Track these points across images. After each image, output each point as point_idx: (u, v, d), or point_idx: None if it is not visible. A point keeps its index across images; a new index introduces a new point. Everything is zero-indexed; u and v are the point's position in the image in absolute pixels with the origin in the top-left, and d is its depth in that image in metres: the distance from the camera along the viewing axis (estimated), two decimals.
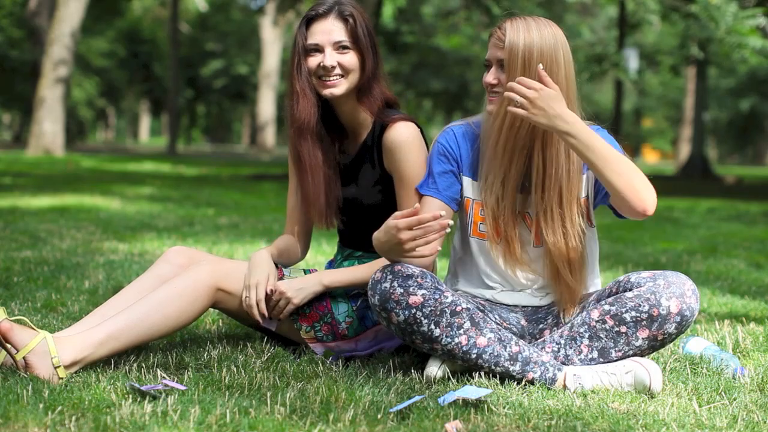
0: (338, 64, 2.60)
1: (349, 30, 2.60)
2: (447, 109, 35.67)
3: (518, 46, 2.42)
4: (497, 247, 2.56)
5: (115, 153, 26.66)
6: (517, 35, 2.42)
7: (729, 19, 13.99)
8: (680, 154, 29.79)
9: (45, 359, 2.32)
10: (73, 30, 19.44)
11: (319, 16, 2.62)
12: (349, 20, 2.60)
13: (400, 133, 2.62)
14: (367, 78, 2.64)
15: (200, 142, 54.86)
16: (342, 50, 2.61)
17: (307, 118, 2.65)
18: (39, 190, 9.63)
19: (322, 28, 2.61)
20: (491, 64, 2.49)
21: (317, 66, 2.61)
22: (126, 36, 38.18)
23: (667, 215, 9.42)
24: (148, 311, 2.46)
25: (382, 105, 2.68)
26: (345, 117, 2.72)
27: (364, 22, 2.63)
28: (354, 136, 2.75)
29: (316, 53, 2.62)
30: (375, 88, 2.66)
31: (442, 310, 2.38)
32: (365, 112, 2.68)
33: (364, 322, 2.69)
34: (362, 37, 2.61)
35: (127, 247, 5.16)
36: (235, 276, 2.61)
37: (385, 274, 2.39)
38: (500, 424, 2.07)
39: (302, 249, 2.89)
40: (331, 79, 2.61)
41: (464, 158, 2.58)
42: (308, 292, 2.62)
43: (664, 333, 2.41)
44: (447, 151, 2.58)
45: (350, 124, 2.73)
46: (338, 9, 2.61)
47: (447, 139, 2.59)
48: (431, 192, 2.57)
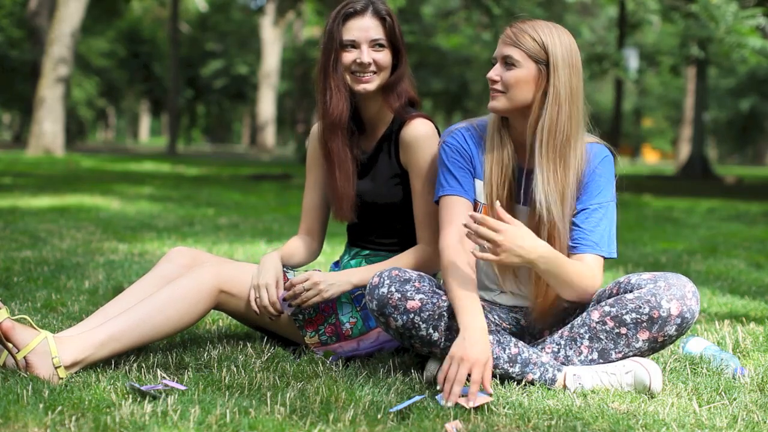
0: (373, 61, 2.64)
1: (387, 28, 2.65)
2: (447, 109, 35.68)
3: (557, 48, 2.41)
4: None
5: (115, 153, 26.66)
6: (537, 37, 2.41)
7: (729, 19, 13.98)
8: (680, 154, 29.79)
9: (46, 359, 2.32)
10: (73, 30, 19.44)
11: (357, 13, 2.65)
12: (386, 19, 2.65)
13: (418, 129, 2.65)
14: (396, 76, 2.68)
15: (200, 142, 54.85)
16: (377, 48, 2.64)
17: (340, 114, 2.67)
18: (39, 190, 9.63)
19: (360, 24, 2.64)
20: (496, 61, 2.48)
21: (352, 62, 2.64)
22: (126, 36, 38.18)
23: (667, 215, 9.42)
24: (149, 313, 2.46)
25: (404, 103, 2.71)
26: (369, 113, 2.75)
27: (396, 20, 2.68)
28: (372, 132, 2.77)
29: (351, 49, 2.65)
30: (401, 86, 2.70)
31: (441, 314, 2.37)
32: (388, 108, 2.71)
33: (367, 323, 2.69)
34: (397, 35, 2.67)
35: (127, 247, 5.16)
36: (238, 278, 2.61)
37: (382, 278, 2.38)
38: (500, 424, 2.07)
39: (318, 246, 2.92)
40: (366, 75, 2.64)
41: (476, 158, 2.56)
42: (339, 289, 2.61)
43: (665, 335, 2.41)
44: (460, 151, 2.55)
45: (372, 120, 2.76)
46: (374, 7, 2.65)
47: (456, 139, 2.56)
48: (457, 191, 2.52)
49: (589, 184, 2.50)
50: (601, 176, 2.51)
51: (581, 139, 2.47)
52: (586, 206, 2.50)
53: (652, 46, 24.54)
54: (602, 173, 2.51)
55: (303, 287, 2.57)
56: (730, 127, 41.80)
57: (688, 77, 27.92)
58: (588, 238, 2.48)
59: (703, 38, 15.57)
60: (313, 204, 2.88)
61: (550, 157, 2.43)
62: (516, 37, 2.43)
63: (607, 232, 2.51)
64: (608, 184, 2.52)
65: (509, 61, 2.44)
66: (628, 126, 44.26)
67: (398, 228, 2.77)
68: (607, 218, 2.51)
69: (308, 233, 2.89)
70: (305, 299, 2.58)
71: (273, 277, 2.61)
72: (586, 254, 2.48)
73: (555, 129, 2.42)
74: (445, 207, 2.52)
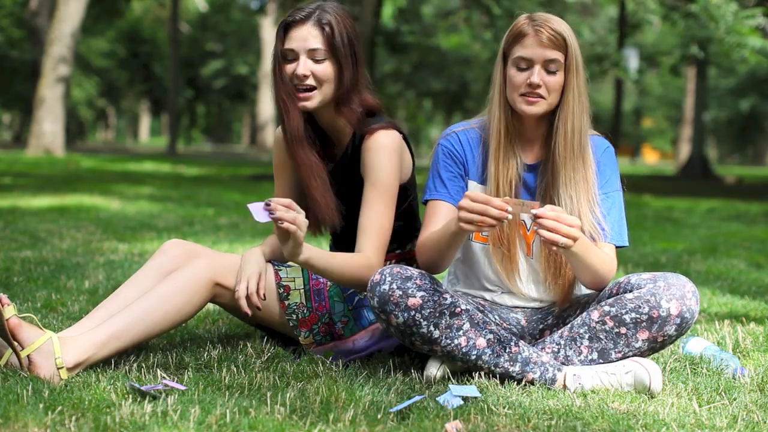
0: (311, 74, 2.55)
1: (326, 38, 2.54)
2: (447, 109, 35.66)
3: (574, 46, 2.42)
4: (497, 251, 2.55)
5: (115, 153, 26.66)
6: (569, 35, 2.41)
7: (729, 19, 13.99)
8: (680, 154, 29.79)
9: (49, 359, 2.32)
10: (73, 30, 19.44)
11: (297, 22, 2.56)
12: (325, 28, 2.54)
13: (378, 141, 2.58)
14: (345, 89, 2.59)
15: (200, 142, 54.84)
16: (317, 59, 2.55)
17: (296, 125, 2.60)
18: (39, 190, 9.63)
19: (298, 34, 2.55)
20: (533, 64, 2.41)
21: (292, 73, 2.56)
22: (126, 36, 38.18)
23: (667, 215, 9.42)
24: (147, 309, 2.46)
25: (362, 115, 2.63)
26: (325, 126, 2.69)
27: (346, 30, 2.56)
28: (338, 143, 2.72)
29: (292, 60, 2.57)
30: (354, 99, 2.61)
31: (442, 312, 2.38)
32: (344, 122, 2.64)
33: (360, 322, 2.68)
34: (340, 46, 2.55)
35: (127, 247, 5.16)
36: (233, 271, 2.59)
37: (383, 276, 2.38)
38: (500, 424, 2.07)
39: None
40: (303, 92, 2.56)
41: (470, 162, 2.56)
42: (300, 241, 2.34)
43: (664, 335, 2.41)
44: (453, 154, 2.56)
45: (332, 132, 2.70)
46: (317, 15, 2.55)
47: (452, 142, 2.57)
48: (443, 197, 2.54)
49: (596, 175, 2.53)
50: (606, 166, 2.55)
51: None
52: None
53: (652, 46, 24.55)
54: (607, 163, 2.56)
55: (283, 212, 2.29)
56: (730, 127, 41.82)
57: (688, 77, 27.91)
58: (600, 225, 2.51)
59: (703, 38, 15.57)
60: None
61: (577, 153, 2.46)
62: (559, 39, 2.40)
63: (618, 221, 2.54)
64: (613, 173, 2.56)
65: (554, 66, 2.41)
66: (628, 126, 44.27)
67: None
68: (616, 207, 2.55)
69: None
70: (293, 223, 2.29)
71: (255, 271, 2.56)
72: (599, 242, 2.49)
73: (581, 126, 2.46)
74: (431, 210, 2.54)
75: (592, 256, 2.39)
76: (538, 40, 2.41)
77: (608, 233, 2.51)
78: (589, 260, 2.39)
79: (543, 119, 2.52)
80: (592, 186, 2.49)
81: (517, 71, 2.44)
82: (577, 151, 2.47)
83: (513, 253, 2.55)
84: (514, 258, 2.55)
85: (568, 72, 2.43)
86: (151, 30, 40.62)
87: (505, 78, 2.49)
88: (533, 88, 2.42)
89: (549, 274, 2.55)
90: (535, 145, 2.57)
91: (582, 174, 2.47)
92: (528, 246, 2.58)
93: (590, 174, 2.49)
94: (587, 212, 2.47)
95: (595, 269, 2.43)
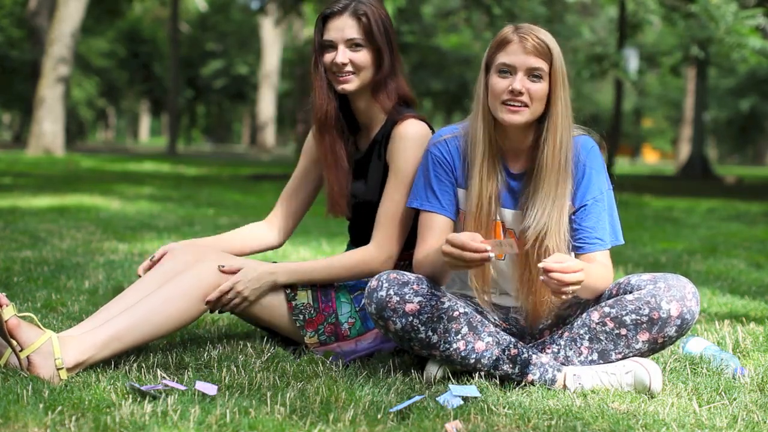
0: (350, 62, 2.64)
1: (363, 28, 2.64)
2: (447, 109, 35.65)
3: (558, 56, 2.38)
4: None
5: (115, 153, 26.66)
6: (554, 45, 2.38)
7: (729, 19, 13.99)
8: (680, 154, 29.78)
9: (48, 360, 2.32)
10: (73, 30, 19.44)
11: (335, 14, 2.66)
12: (362, 19, 2.64)
13: (407, 129, 2.64)
14: (383, 75, 2.67)
15: (200, 142, 54.84)
16: (355, 48, 2.64)
17: (326, 113, 2.70)
18: (39, 190, 9.63)
19: (336, 25, 2.65)
20: (515, 71, 2.37)
21: (331, 62, 2.66)
22: (126, 36, 38.16)
23: (667, 215, 9.42)
24: (150, 311, 2.46)
25: (396, 102, 2.71)
26: (360, 112, 2.76)
27: (381, 20, 2.66)
28: (367, 132, 2.78)
29: (330, 50, 2.66)
30: (390, 85, 2.69)
31: (439, 316, 2.37)
32: (379, 108, 2.71)
33: (366, 324, 2.68)
34: (377, 34, 2.65)
35: (127, 247, 5.16)
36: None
37: (380, 282, 2.37)
38: (500, 424, 2.07)
39: (279, 237, 2.94)
40: (344, 76, 2.65)
41: (458, 170, 2.52)
42: (262, 290, 2.61)
43: (665, 336, 2.41)
44: (443, 163, 2.52)
45: (365, 119, 2.76)
46: (353, 7, 2.65)
47: (441, 150, 2.53)
48: (435, 208, 2.51)
49: (582, 180, 2.48)
50: (591, 168, 2.49)
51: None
52: (583, 203, 2.48)
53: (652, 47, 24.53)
54: (592, 165, 2.49)
55: (228, 297, 2.56)
56: (730, 127, 41.79)
57: (688, 77, 27.91)
58: (592, 236, 2.48)
59: (703, 39, 15.57)
60: (285, 194, 2.94)
61: (562, 166, 2.42)
62: (543, 47, 2.36)
63: (610, 223, 2.52)
64: (599, 174, 2.50)
65: (538, 73, 2.37)
66: (628, 126, 44.24)
67: None
68: (606, 208, 2.51)
69: (269, 224, 2.96)
70: (232, 306, 2.58)
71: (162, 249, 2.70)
72: (594, 253, 2.48)
73: (567, 140, 2.41)
74: (424, 223, 2.52)
75: (591, 282, 2.40)
76: (522, 47, 2.36)
77: (602, 240, 2.49)
78: (589, 286, 2.41)
79: (529, 129, 2.45)
80: (567, 198, 2.45)
81: (499, 78, 2.38)
82: (563, 164, 2.42)
83: (496, 259, 2.52)
84: (496, 264, 2.53)
85: (554, 83, 2.38)
86: (151, 30, 40.60)
87: (487, 88, 2.43)
88: (515, 95, 2.36)
89: (521, 292, 2.51)
90: (521, 155, 2.51)
91: (562, 188, 2.43)
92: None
93: (568, 187, 2.45)
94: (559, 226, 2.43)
95: (594, 288, 2.45)
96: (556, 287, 2.19)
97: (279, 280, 2.62)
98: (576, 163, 2.48)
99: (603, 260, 2.49)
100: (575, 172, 2.48)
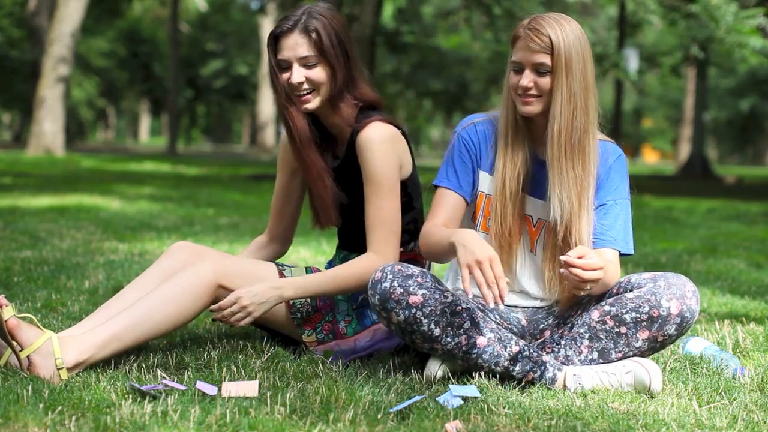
0: (306, 79, 2.60)
1: (314, 44, 2.58)
2: (447, 109, 35.64)
3: (561, 49, 2.39)
4: (497, 243, 2.56)
5: (115, 153, 26.66)
6: (558, 37, 2.39)
7: (729, 19, 14.00)
8: (680, 154, 29.79)
9: (48, 360, 2.32)
10: (73, 30, 19.44)
11: (284, 33, 2.61)
12: (312, 35, 2.58)
13: (368, 134, 2.61)
14: (338, 88, 2.63)
15: (200, 142, 54.85)
16: (309, 65, 2.60)
17: (300, 130, 2.66)
18: (39, 190, 9.63)
19: (287, 44, 2.60)
20: (524, 67, 2.44)
21: (287, 82, 2.61)
22: (126, 36, 38.17)
23: (667, 215, 9.42)
24: (150, 310, 2.46)
25: (356, 111, 2.67)
26: (328, 123, 2.73)
27: (334, 30, 2.60)
28: (341, 139, 2.76)
29: (286, 69, 2.62)
30: (347, 97, 2.66)
31: (443, 310, 2.38)
32: (341, 119, 2.68)
33: (363, 321, 2.69)
34: (329, 48, 2.59)
35: (127, 247, 5.16)
36: (237, 273, 2.61)
37: (385, 273, 2.39)
38: (500, 424, 2.07)
39: (279, 248, 2.97)
40: (303, 95, 2.62)
41: (483, 154, 2.59)
42: (269, 306, 2.56)
43: (664, 334, 2.41)
44: (468, 146, 2.59)
45: (335, 128, 2.74)
46: (303, 23, 2.59)
47: (469, 133, 2.60)
48: (452, 185, 2.57)
49: (606, 181, 2.56)
50: (617, 173, 2.57)
51: (596, 129, 2.51)
52: (603, 202, 2.56)
53: (652, 47, 24.54)
54: (618, 170, 2.58)
55: (231, 311, 2.53)
56: (730, 127, 41.82)
57: (688, 77, 27.91)
58: (607, 233, 2.54)
59: (704, 38, 15.58)
60: (275, 209, 2.93)
61: (568, 154, 2.46)
62: (545, 43, 2.40)
63: (624, 229, 2.57)
64: (623, 181, 2.59)
65: (543, 69, 2.42)
66: (628, 126, 44.26)
67: None
68: (624, 215, 2.57)
69: (270, 237, 2.96)
70: (235, 321, 2.55)
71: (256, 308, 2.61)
72: (605, 249, 2.52)
73: (571, 126, 2.44)
74: (439, 198, 2.58)
75: (607, 279, 2.44)
76: (526, 45, 2.43)
77: (615, 240, 2.54)
78: (605, 282, 2.44)
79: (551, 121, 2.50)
80: (586, 190, 2.48)
81: (513, 74, 2.48)
82: (568, 153, 2.46)
83: (513, 245, 2.56)
84: (513, 251, 2.56)
85: (555, 74, 2.42)
86: (151, 30, 40.62)
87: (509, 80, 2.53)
88: (525, 90, 2.45)
89: (554, 275, 2.55)
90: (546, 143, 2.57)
91: (577, 176, 2.46)
92: (532, 242, 2.59)
93: (587, 178, 2.48)
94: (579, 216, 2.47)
95: (604, 283, 2.47)
96: (574, 282, 2.25)
97: (285, 295, 2.58)
98: (602, 164, 2.55)
99: (613, 259, 2.52)
100: (600, 171, 2.54)
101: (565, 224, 2.48)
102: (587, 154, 2.48)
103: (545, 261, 2.57)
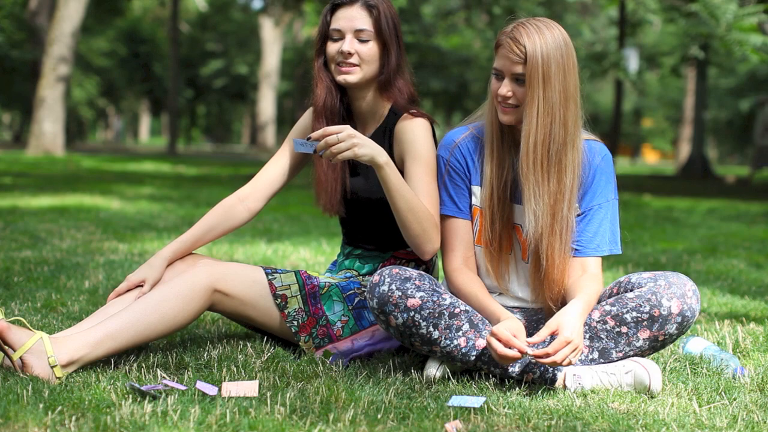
0: (356, 53, 2.62)
1: (373, 20, 2.62)
2: (447, 109, 35.67)
3: (538, 60, 2.36)
4: (487, 251, 2.56)
5: (115, 153, 26.66)
6: (535, 48, 2.36)
7: (729, 17, 13.99)
8: (680, 154, 29.81)
9: (41, 359, 2.32)
10: (74, 30, 19.43)
11: (345, 4, 2.64)
12: (373, 11, 2.62)
13: (415, 123, 2.63)
14: (391, 71, 2.66)
15: (200, 142, 54.84)
16: (362, 39, 2.62)
17: (322, 104, 2.68)
18: (39, 190, 9.63)
19: (346, 14, 2.63)
20: (503, 76, 2.43)
21: (336, 52, 2.63)
22: (126, 36, 38.16)
23: (667, 215, 9.42)
24: (145, 311, 2.46)
25: (407, 99, 2.70)
26: (361, 107, 2.73)
27: (391, 14, 2.65)
28: (362, 128, 2.75)
29: (337, 39, 2.64)
30: (399, 81, 2.68)
31: (441, 312, 2.38)
32: (388, 104, 2.69)
33: (360, 322, 2.68)
34: (386, 29, 2.63)
35: (127, 247, 5.16)
36: (232, 278, 2.59)
37: (383, 277, 2.39)
38: (500, 424, 2.07)
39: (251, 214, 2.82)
40: (347, 66, 2.63)
41: (472, 170, 2.58)
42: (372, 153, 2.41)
43: (665, 333, 2.41)
44: (456, 169, 2.59)
45: (364, 114, 2.74)
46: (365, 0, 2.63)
47: (455, 156, 2.59)
48: (452, 211, 2.58)
49: (591, 184, 2.53)
50: (603, 173, 2.54)
51: (580, 138, 2.47)
52: (589, 206, 2.53)
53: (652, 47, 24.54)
54: (603, 171, 2.54)
55: (337, 137, 2.38)
56: (730, 127, 41.80)
57: (688, 77, 27.92)
58: (592, 241, 2.52)
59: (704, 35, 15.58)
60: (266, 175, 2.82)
61: (544, 167, 2.43)
62: (521, 54, 2.38)
63: (610, 231, 2.54)
64: (609, 182, 2.55)
65: (521, 78, 2.40)
66: (628, 126, 44.26)
67: (393, 225, 2.74)
68: (609, 217, 2.54)
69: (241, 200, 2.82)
70: (336, 151, 2.38)
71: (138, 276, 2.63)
72: (588, 258, 2.51)
73: (549, 139, 2.41)
74: (449, 229, 2.58)
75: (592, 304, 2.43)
76: (505, 54, 2.41)
77: (599, 246, 2.52)
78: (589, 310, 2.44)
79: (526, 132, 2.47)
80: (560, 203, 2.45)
81: (494, 80, 2.47)
82: (544, 166, 2.43)
83: (504, 253, 2.55)
84: (504, 258, 2.56)
85: (528, 85, 2.38)
86: (151, 30, 40.60)
87: None
88: (504, 99, 2.43)
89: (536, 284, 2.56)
90: None
91: (547, 189, 2.44)
92: (524, 251, 2.58)
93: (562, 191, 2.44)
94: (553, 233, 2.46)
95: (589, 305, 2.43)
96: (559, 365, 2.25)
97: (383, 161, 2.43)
98: (587, 167, 2.51)
99: (594, 269, 2.52)
100: (584, 176, 2.51)
101: (535, 240, 2.46)
102: (564, 166, 2.44)
103: (531, 274, 2.57)
